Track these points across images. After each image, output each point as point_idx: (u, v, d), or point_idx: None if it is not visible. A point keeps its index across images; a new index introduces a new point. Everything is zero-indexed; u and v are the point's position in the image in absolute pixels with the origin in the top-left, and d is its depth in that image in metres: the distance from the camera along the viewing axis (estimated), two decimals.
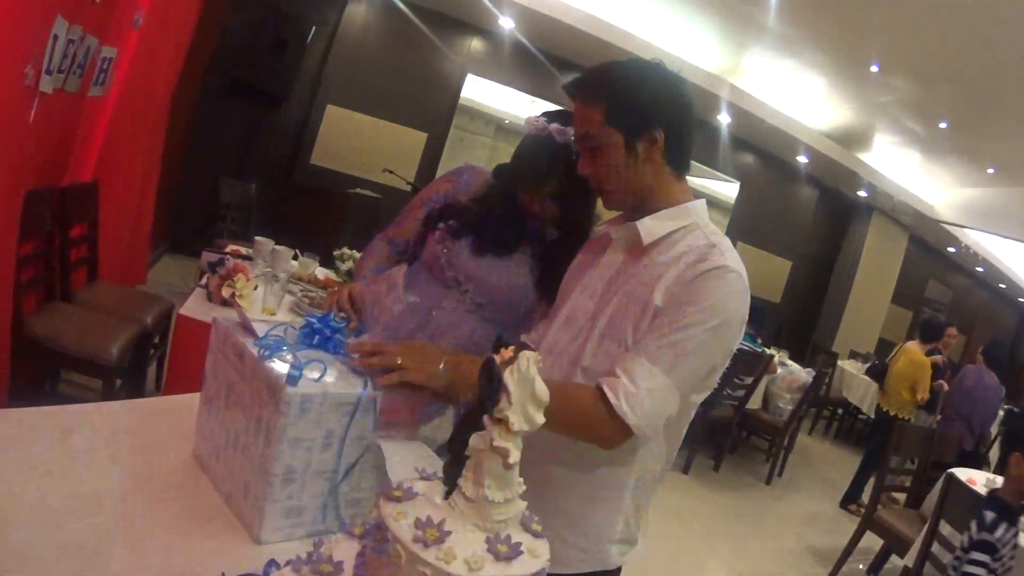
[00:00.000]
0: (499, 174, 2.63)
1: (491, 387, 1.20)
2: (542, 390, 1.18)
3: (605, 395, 1.81)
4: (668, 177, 2.03)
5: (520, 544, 1.17)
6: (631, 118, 1.92)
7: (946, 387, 8.87)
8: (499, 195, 2.58)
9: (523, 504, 1.24)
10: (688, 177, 2.10)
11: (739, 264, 1.89)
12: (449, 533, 1.14)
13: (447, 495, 1.23)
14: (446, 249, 2.57)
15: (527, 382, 1.17)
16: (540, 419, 1.18)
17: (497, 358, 1.23)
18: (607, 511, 2.07)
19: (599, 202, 2.44)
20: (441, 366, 1.79)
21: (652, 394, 1.81)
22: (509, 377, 1.17)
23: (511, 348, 1.25)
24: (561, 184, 2.37)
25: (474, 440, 1.21)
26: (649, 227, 1.99)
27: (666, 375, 1.82)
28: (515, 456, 1.17)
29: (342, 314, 2.18)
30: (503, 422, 1.17)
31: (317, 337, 1.81)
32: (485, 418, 1.20)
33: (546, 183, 2.39)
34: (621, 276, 2.03)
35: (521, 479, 1.23)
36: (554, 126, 2.38)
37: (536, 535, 1.23)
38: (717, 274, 1.84)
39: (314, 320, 1.83)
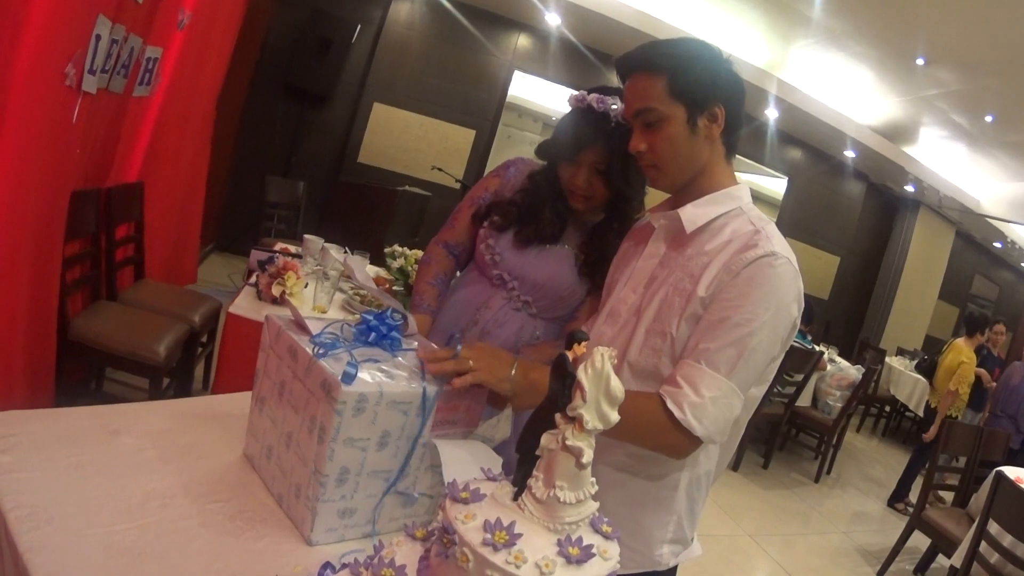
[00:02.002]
0: (541, 149, 2.60)
1: (564, 384, 1.16)
2: (617, 387, 1.13)
3: (668, 408, 1.76)
4: (720, 158, 1.99)
5: (592, 546, 1.13)
6: (695, 92, 1.87)
7: (985, 378, 8.79)
8: (541, 181, 2.56)
9: (595, 505, 1.20)
10: (736, 173, 2.06)
11: (787, 249, 1.83)
12: (519, 536, 1.10)
13: (516, 496, 1.19)
14: (491, 246, 2.55)
15: (601, 379, 1.12)
16: (615, 417, 1.14)
17: (570, 354, 1.19)
18: (659, 511, 2.03)
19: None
20: (512, 371, 1.77)
21: (716, 402, 1.75)
22: (583, 374, 1.13)
23: (584, 344, 1.21)
24: (604, 155, 2.33)
25: (546, 439, 1.17)
26: (691, 214, 1.94)
27: (728, 379, 1.76)
28: (588, 456, 1.13)
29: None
30: (576, 420, 1.13)
31: (373, 334, 1.77)
32: (557, 416, 1.16)
33: (587, 152, 2.35)
34: (665, 267, 1.98)
35: (594, 479, 1.18)
36: (593, 96, 2.34)
37: (607, 537, 1.19)
38: (767, 263, 1.78)
39: (370, 317, 1.79)
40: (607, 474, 1.97)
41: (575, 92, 2.43)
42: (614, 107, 2.28)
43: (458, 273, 2.79)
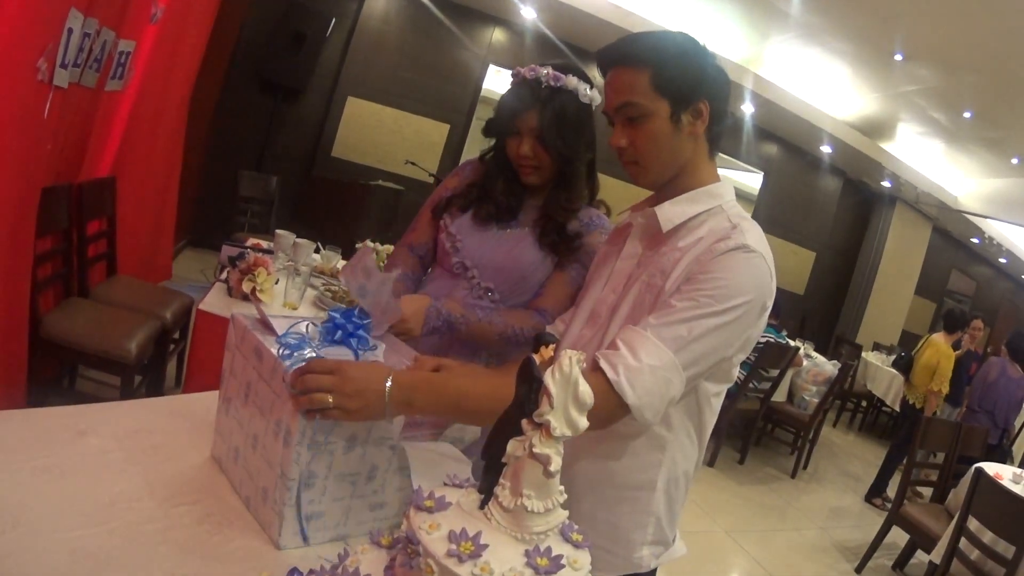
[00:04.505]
0: (486, 127, 2.64)
1: (530, 389, 1.13)
2: (585, 392, 1.10)
3: (602, 369, 1.70)
4: (703, 155, 1.94)
5: (561, 557, 1.11)
6: (680, 87, 1.82)
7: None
8: (491, 160, 2.62)
9: (564, 514, 1.17)
10: None
11: (763, 245, 1.79)
12: (485, 546, 1.08)
13: (482, 505, 1.17)
14: (451, 233, 2.57)
15: (569, 383, 1.09)
16: (584, 423, 1.11)
17: (537, 358, 1.16)
18: (636, 513, 1.98)
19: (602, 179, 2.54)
20: (386, 399, 1.56)
21: (655, 372, 1.67)
22: (550, 378, 1.10)
23: (551, 347, 1.18)
24: (539, 119, 2.38)
25: (512, 446, 1.14)
26: (668, 213, 1.90)
27: (673, 354, 1.69)
28: (556, 463, 1.10)
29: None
30: (543, 427, 1.10)
31: (339, 332, 1.74)
32: (524, 422, 1.13)
33: (523, 119, 2.41)
34: (641, 266, 1.94)
35: (562, 487, 1.16)
36: (526, 68, 2.43)
37: (577, 546, 1.16)
38: (737, 254, 1.73)
39: (337, 315, 1.76)
40: (583, 477, 1.94)
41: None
42: (544, 72, 2.37)
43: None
